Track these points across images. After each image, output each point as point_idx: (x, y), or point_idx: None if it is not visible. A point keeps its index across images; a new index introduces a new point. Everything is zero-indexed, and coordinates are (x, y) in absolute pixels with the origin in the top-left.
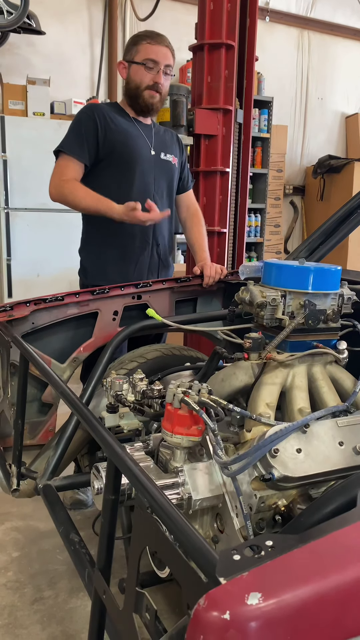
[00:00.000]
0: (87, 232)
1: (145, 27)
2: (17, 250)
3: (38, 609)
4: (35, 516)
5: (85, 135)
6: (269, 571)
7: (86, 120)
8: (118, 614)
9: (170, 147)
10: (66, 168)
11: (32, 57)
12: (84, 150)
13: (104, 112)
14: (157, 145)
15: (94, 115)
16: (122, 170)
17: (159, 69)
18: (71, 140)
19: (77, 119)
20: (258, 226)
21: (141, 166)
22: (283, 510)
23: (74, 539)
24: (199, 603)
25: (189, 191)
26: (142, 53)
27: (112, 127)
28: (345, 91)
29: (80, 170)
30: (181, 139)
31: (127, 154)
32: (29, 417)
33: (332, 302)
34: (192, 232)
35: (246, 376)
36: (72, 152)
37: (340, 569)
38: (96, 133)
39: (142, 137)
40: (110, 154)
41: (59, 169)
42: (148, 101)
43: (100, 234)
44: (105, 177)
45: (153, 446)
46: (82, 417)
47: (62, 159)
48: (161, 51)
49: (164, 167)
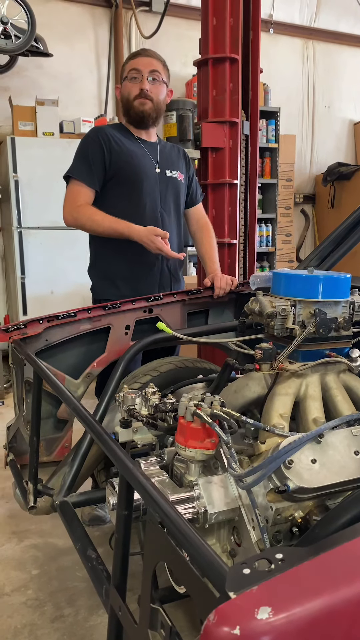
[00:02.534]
0: (95, 251)
1: (151, 45)
2: (30, 268)
3: (58, 627)
4: (54, 533)
5: (92, 161)
6: (279, 585)
7: (92, 145)
8: (134, 630)
9: (175, 163)
10: (78, 194)
11: (41, 78)
12: (93, 176)
13: (108, 134)
14: (162, 162)
15: (98, 139)
16: (128, 190)
17: (142, 76)
18: (79, 166)
19: (82, 144)
20: (269, 236)
21: (147, 184)
22: (300, 522)
23: (92, 555)
24: (209, 618)
25: (198, 204)
26: (126, 69)
27: (117, 149)
28: (353, 98)
29: (91, 195)
30: (187, 153)
31: (133, 174)
32: (44, 434)
33: (343, 310)
34: (202, 245)
35: (259, 387)
36: (81, 178)
37: (351, 582)
38: (102, 157)
39: (147, 155)
40: (116, 174)
41: (71, 195)
42: (139, 109)
43: (107, 252)
44: (112, 198)
45: (167, 460)
46: (93, 433)
47: (73, 184)
48: (143, 61)
49: (170, 183)
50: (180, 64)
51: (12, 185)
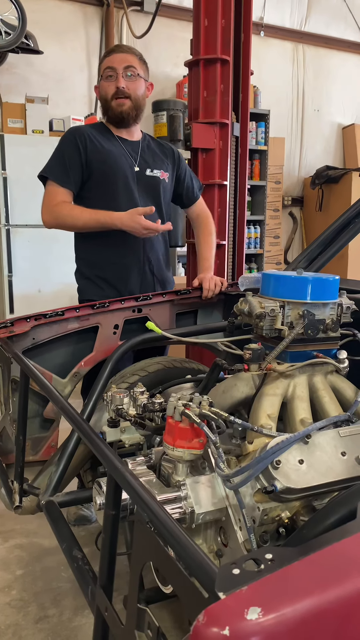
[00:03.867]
0: (79, 254)
1: (142, 45)
2: (18, 267)
3: (42, 627)
4: (40, 533)
5: (69, 162)
6: (269, 585)
7: (68, 146)
8: (120, 631)
9: (159, 162)
10: (55, 194)
11: (31, 76)
12: (69, 178)
13: (86, 134)
14: (143, 161)
15: (75, 139)
16: (104, 190)
17: (118, 74)
18: (55, 167)
19: (59, 145)
20: (258, 238)
21: (123, 184)
22: (287, 523)
23: (77, 556)
24: (198, 619)
25: (198, 201)
26: (102, 69)
27: (93, 148)
28: (341, 102)
29: (69, 196)
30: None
31: (109, 174)
32: (31, 433)
33: (331, 311)
34: (198, 240)
35: (247, 387)
36: (57, 179)
37: (340, 582)
38: (79, 157)
39: (126, 154)
40: (92, 175)
41: (48, 196)
42: (117, 110)
43: (91, 254)
44: (89, 198)
45: (155, 460)
46: (81, 432)
47: (50, 185)
48: (117, 57)
49: (150, 183)
50: (172, 64)
51: (1, 182)
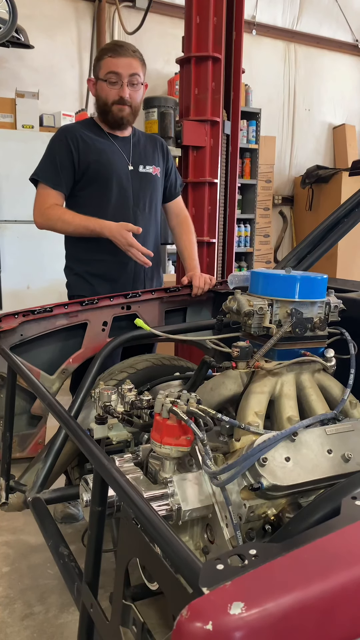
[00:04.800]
0: (69, 250)
1: (133, 41)
2: (7, 262)
3: (28, 624)
4: (26, 530)
5: (60, 164)
6: (252, 580)
7: (59, 147)
8: (105, 627)
9: (150, 157)
10: (47, 197)
11: (21, 70)
12: (61, 180)
13: (77, 134)
14: (136, 158)
15: (66, 140)
16: (99, 189)
17: (122, 82)
18: (47, 169)
19: (50, 146)
20: (248, 236)
21: (118, 182)
22: (273, 520)
23: (63, 553)
24: (182, 614)
25: (177, 198)
26: (104, 68)
27: (86, 148)
28: (332, 102)
29: (60, 197)
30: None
31: (103, 172)
32: (18, 430)
33: (319, 310)
34: (181, 240)
35: (235, 385)
36: (49, 181)
37: (323, 577)
38: (71, 158)
39: (118, 152)
40: (85, 174)
41: (40, 198)
42: (117, 115)
43: (81, 251)
44: (83, 198)
45: (142, 457)
46: (68, 429)
47: (41, 188)
48: (122, 62)
49: (144, 179)
50: (163, 61)
51: None
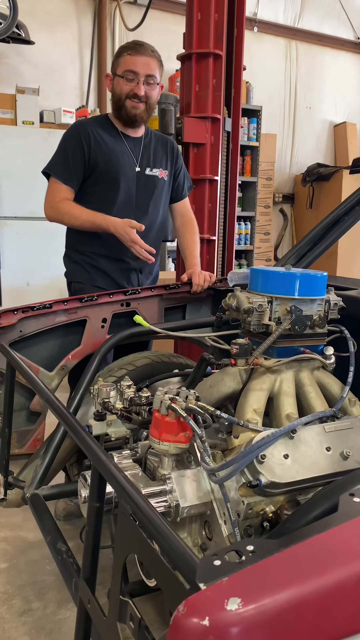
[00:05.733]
0: (68, 243)
1: (134, 37)
2: (6, 259)
3: (26, 620)
4: (25, 526)
5: (72, 159)
6: (249, 576)
7: (72, 142)
8: (103, 623)
9: (159, 159)
10: (59, 191)
11: (21, 66)
12: (72, 175)
13: (90, 131)
14: (144, 160)
15: (79, 136)
16: (104, 188)
17: (139, 80)
18: (59, 164)
19: (64, 140)
20: (248, 234)
21: (124, 183)
22: (271, 517)
23: (62, 549)
24: (178, 609)
25: (184, 200)
26: (122, 65)
27: (97, 146)
28: (333, 100)
29: (70, 192)
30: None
31: (110, 172)
32: (17, 426)
33: (319, 307)
34: (184, 239)
35: (234, 382)
36: (60, 176)
37: (320, 573)
38: (82, 155)
39: (128, 153)
40: (94, 172)
41: (51, 192)
42: (131, 112)
43: (81, 244)
44: (88, 195)
45: (141, 454)
46: (67, 425)
47: (53, 182)
48: (140, 61)
49: (149, 182)
50: (164, 58)
51: None
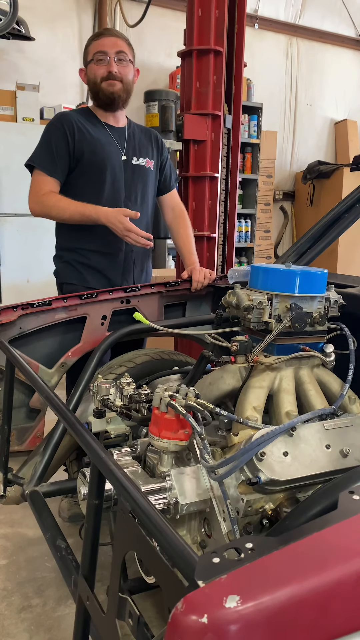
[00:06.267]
0: (58, 242)
1: (135, 34)
2: (6, 256)
3: (25, 617)
4: (24, 523)
5: (56, 151)
6: (248, 574)
7: (55, 134)
8: (102, 620)
9: (145, 149)
10: (43, 184)
11: (22, 62)
12: (56, 167)
13: (73, 121)
14: (130, 149)
15: (63, 127)
16: (92, 179)
17: (110, 58)
18: (42, 155)
19: (46, 132)
20: (248, 231)
21: (111, 174)
22: (270, 514)
23: (61, 546)
24: (177, 607)
25: (172, 191)
26: (91, 51)
27: (81, 136)
28: (334, 97)
29: (56, 184)
30: (161, 137)
31: (97, 163)
32: (16, 423)
33: (319, 305)
34: (179, 235)
35: (234, 380)
36: (45, 168)
37: (319, 571)
38: (67, 146)
39: (113, 143)
40: (79, 163)
41: (36, 185)
42: (107, 91)
43: (71, 242)
44: (76, 187)
45: (140, 451)
46: (66, 422)
47: (37, 174)
48: (107, 41)
49: (137, 172)
50: (165, 54)
51: None
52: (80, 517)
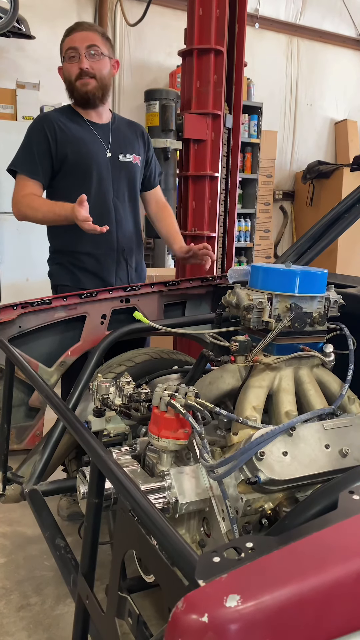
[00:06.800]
0: (51, 245)
1: (135, 33)
2: (6, 255)
3: (24, 615)
4: (23, 522)
5: (37, 153)
6: (249, 573)
7: (36, 136)
8: (101, 618)
9: (130, 145)
10: (24, 187)
11: (22, 61)
12: (38, 169)
13: (54, 122)
14: (115, 146)
15: (44, 128)
16: (78, 179)
17: (80, 54)
18: (24, 158)
19: (27, 135)
20: (248, 231)
21: (97, 172)
22: (269, 514)
23: (60, 544)
24: (177, 606)
25: (156, 187)
26: (63, 49)
27: (64, 137)
28: (334, 97)
29: (38, 187)
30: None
31: (82, 162)
32: (16, 422)
33: (319, 305)
34: (165, 223)
35: (233, 379)
36: (26, 171)
37: (319, 570)
38: (48, 147)
39: (97, 140)
40: (64, 164)
41: (17, 189)
42: (82, 90)
43: (63, 244)
44: (63, 189)
45: (140, 450)
46: (66, 421)
47: (19, 178)
48: (77, 36)
49: (123, 168)
50: (165, 53)
51: None
52: (79, 516)
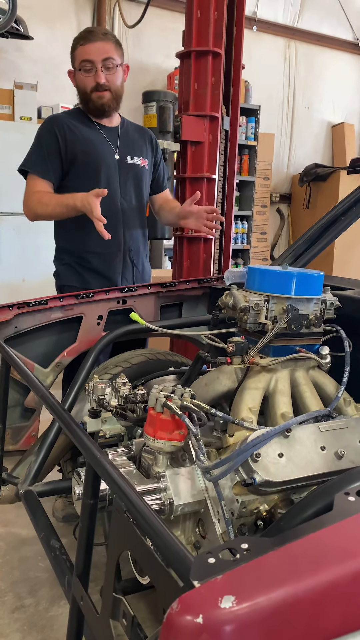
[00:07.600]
0: (58, 245)
1: (134, 35)
2: (3, 255)
3: (18, 617)
4: (18, 523)
5: (48, 153)
6: (244, 574)
7: (47, 137)
8: (95, 620)
9: (138, 148)
10: (35, 186)
11: (20, 61)
12: (48, 168)
13: (64, 123)
14: (123, 148)
15: (54, 129)
16: (87, 181)
17: (97, 68)
18: (34, 159)
19: (38, 135)
20: (245, 233)
21: (106, 173)
22: (265, 515)
23: (55, 546)
24: (172, 607)
25: (165, 191)
26: (77, 58)
27: (73, 138)
28: (332, 100)
29: (49, 187)
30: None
31: (90, 163)
32: (11, 422)
33: (315, 307)
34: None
35: (229, 381)
36: (37, 171)
37: (314, 572)
38: (58, 148)
39: (106, 142)
40: (73, 165)
41: (28, 189)
42: (97, 103)
43: (70, 244)
44: (72, 189)
45: (135, 451)
46: (61, 421)
47: (30, 178)
48: (94, 48)
49: (131, 171)
50: (163, 55)
51: None
52: (74, 517)
